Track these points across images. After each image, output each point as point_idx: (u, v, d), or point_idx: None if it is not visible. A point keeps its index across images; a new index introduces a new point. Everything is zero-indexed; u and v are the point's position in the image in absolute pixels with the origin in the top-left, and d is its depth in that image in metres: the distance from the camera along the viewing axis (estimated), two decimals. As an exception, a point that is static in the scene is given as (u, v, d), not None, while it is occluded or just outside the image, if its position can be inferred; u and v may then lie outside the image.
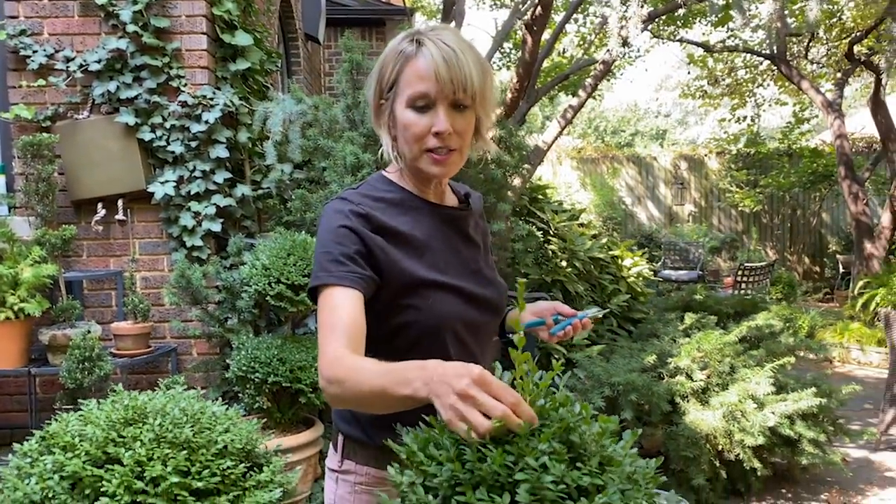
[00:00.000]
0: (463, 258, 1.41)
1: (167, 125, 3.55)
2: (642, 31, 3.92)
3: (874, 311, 8.07)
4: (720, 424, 3.59)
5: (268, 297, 3.03)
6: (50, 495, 1.39)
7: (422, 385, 1.00)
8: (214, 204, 3.56)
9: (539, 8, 4.21)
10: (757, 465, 3.62)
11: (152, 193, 3.54)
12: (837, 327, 8.14)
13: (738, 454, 3.63)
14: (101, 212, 3.53)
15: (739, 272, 9.57)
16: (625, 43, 4.11)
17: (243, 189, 3.66)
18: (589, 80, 4.66)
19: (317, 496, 3.22)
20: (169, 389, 1.70)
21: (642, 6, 3.94)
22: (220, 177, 3.57)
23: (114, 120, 3.49)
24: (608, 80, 13.29)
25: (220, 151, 3.54)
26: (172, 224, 3.58)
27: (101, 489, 1.36)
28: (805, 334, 5.26)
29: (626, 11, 3.43)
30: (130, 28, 3.48)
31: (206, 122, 3.50)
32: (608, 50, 4.31)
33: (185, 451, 1.45)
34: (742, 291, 9.06)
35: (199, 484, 1.41)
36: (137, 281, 3.62)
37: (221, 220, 3.59)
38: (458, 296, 1.35)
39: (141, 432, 1.47)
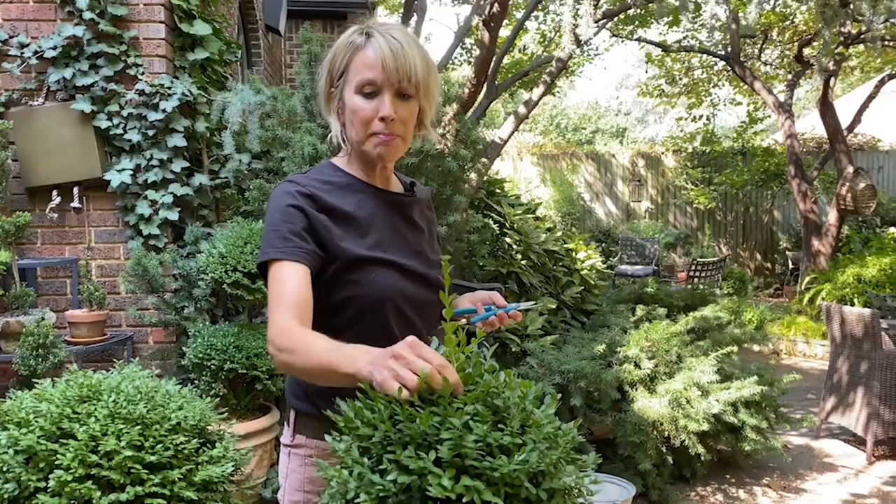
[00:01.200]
0: (406, 240, 1.49)
1: (124, 113, 3.55)
2: (597, 32, 4.03)
3: (820, 306, 8.36)
4: (666, 411, 3.72)
5: (224, 285, 3.07)
6: (4, 469, 1.43)
7: (365, 365, 1.08)
8: (172, 193, 3.58)
9: (496, 5, 4.30)
10: (702, 450, 3.76)
11: (109, 181, 3.54)
12: (785, 321, 8.41)
13: (684, 440, 3.77)
14: (56, 199, 3.52)
15: (692, 267, 9.81)
16: (578, 42, 4.21)
17: (201, 178, 3.68)
18: (545, 77, 4.77)
19: (272, 482, 3.27)
20: (124, 369, 1.75)
21: (595, 5, 4.05)
22: (178, 166, 3.58)
23: (70, 107, 3.48)
24: (568, 78, 13.47)
25: (178, 140, 3.55)
26: (129, 212, 3.58)
27: (56, 462, 1.41)
28: (754, 327, 5.45)
29: (578, 10, 3.53)
30: (87, 15, 3.47)
31: (164, 110, 3.51)
32: (563, 48, 4.42)
33: (138, 427, 1.50)
34: (694, 286, 9.30)
35: (153, 458, 1.46)
36: (93, 269, 3.62)
37: (179, 209, 3.61)
38: (400, 272, 1.43)
39: (95, 408, 1.51)
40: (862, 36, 9.02)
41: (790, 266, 12.24)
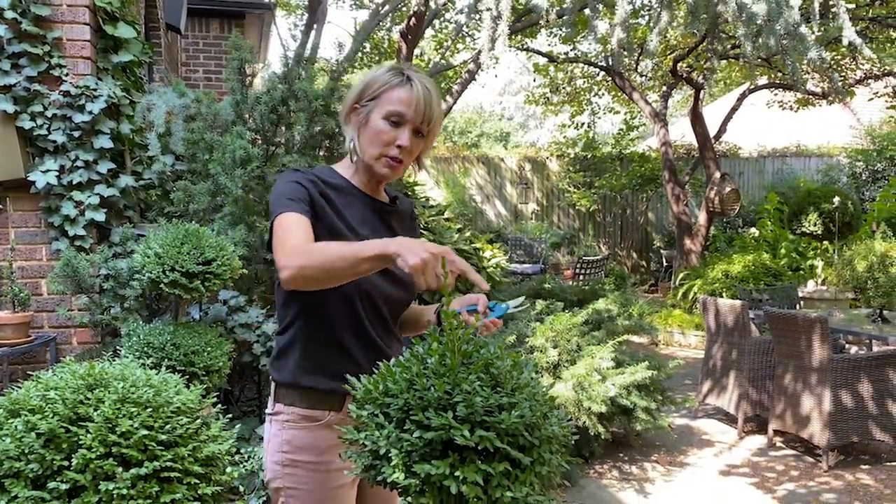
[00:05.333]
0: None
1: (48, 114, 3.54)
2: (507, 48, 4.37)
3: (693, 300, 9.12)
4: (570, 394, 4.10)
5: (162, 285, 3.15)
6: (26, 451, 1.56)
7: (395, 244, 1.34)
8: (98, 194, 3.59)
9: (413, 19, 4.54)
10: (600, 429, 4.17)
11: (32, 182, 3.52)
12: (661, 314, 9.10)
13: (584, 421, 4.16)
14: (-24, 200, 3.47)
15: (578, 265, 10.41)
16: (495, 58, 4.53)
17: (126, 179, 3.71)
18: (456, 87, 5.06)
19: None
20: (115, 358, 1.88)
21: (511, 23, 4.37)
22: (104, 167, 3.60)
23: (-10, 106, 3.44)
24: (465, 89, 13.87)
25: (104, 142, 3.58)
26: (53, 213, 3.57)
27: (79, 442, 1.55)
28: (636, 318, 5.97)
29: (496, 30, 3.84)
30: (9, 14, 3.44)
31: (90, 112, 3.53)
32: (474, 61, 4.72)
33: (148, 410, 1.66)
34: (580, 283, 9.89)
35: (164, 437, 1.63)
36: (14, 270, 3.58)
37: (105, 210, 3.63)
38: None
39: (105, 394, 1.65)
40: (731, 52, 9.87)
41: (664, 264, 13.15)
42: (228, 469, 3.47)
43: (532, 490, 1.19)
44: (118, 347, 3.33)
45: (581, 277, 10.22)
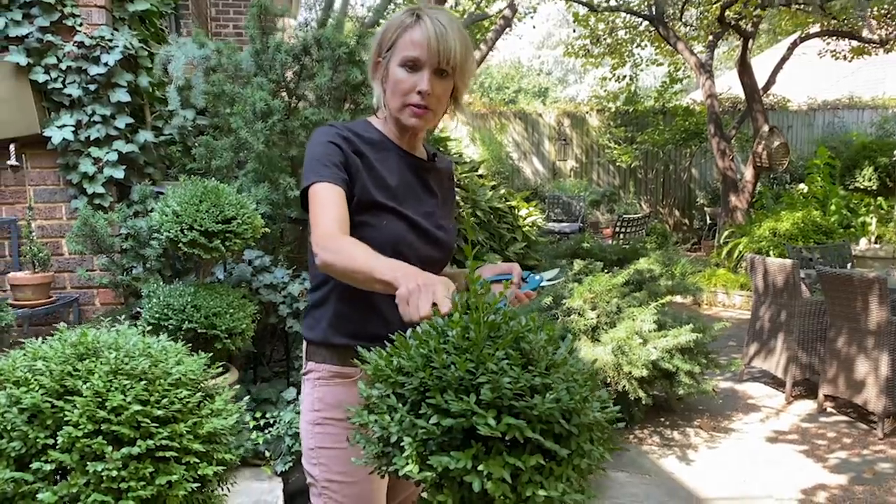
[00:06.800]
0: (420, 199, 1.64)
1: (62, 66, 3.39)
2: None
3: (738, 259, 8.81)
4: (610, 358, 3.90)
5: (180, 244, 3.02)
6: (8, 427, 1.42)
7: (401, 276, 1.25)
8: (116, 150, 3.46)
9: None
10: (642, 394, 3.98)
11: (48, 138, 3.39)
12: (705, 273, 8.82)
13: (625, 386, 3.97)
14: (-8, 157, 3.36)
15: (618, 224, 10.13)
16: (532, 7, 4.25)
17: (145, 135, 3.56)
18: (490, 35, 4.79)
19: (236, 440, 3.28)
20: (113, 325, 1.74)
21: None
22: (122, 122, 3.46)
23: (3, 59, 3.30)
24: (503, 40, 13.49)
25: (122, 95, 3.43)
26: (71, 170, 3.45)
27: (64, 419, 1.40)
28: (679, 278, 5.73)
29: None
30: (18, -39, 3.29)
31: (106, 64, 3.37)
32: (510, 6, 4.45)
33: (143, 382, 1.51)
34: (621, 241, 9.62)
35: (160, 412, 1.48)
36: (34, 229, 3.48)
37: (124, 167, 3.49)
38: (410, 225, 1.58)
39: (96, 365, 1.50)
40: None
41: (708, 221, 12.77)
42: (254, 435, 3.33)
43: (569, 487, 1.01)
44: (139, 309, 3.22)
45: (621, 236, 9.96)
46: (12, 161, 3.37)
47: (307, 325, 1.67)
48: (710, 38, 11.45)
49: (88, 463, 1.38)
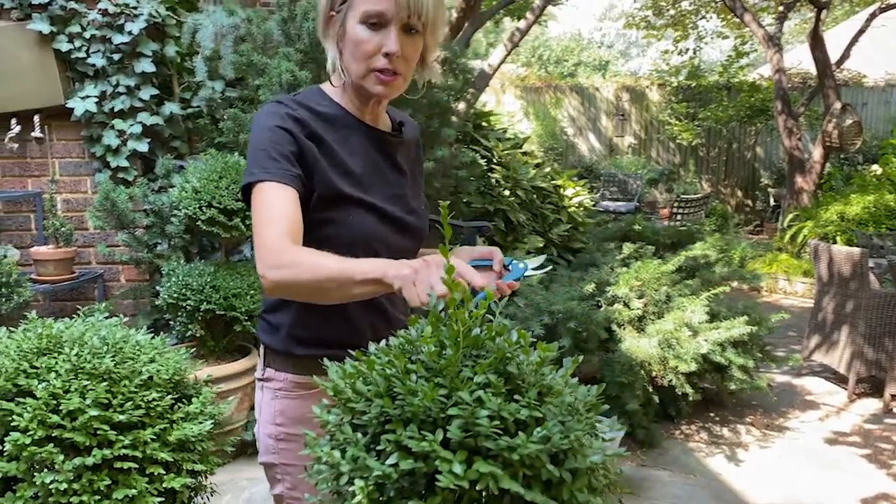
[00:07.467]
0: (388, 182, 1.42)
1: (86, 35, 3.29)
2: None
3: (802, 243, 8.36)
4: (655, 351, 3.66)
5: (199, 222, 2.90)
6: (-46, 431, 1.29)
7: (392, 268, 1.08)
8: (140, 122, 3.36)
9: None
10: (688, 390, 3.73)
11: (72, 109, 3.30)
12: (766, 258, 8.41)
13: (671, 380, 3.73)
14: (16, 128, 3.29)
15: (675, 204, 9.75)
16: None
17: (171, 107, 3.45)
18: (538, 2, 4.53)
19: (253, 424, 3.18)
20: (89, 317, 1.60)
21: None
22: (147, 93, 3.35)
23: (26, 27, 3.21)
24: (555, 5, 13.10)
25: (146, 66, 3.32)
26: (95, 143, 3.36)
27: (12, 423, 1.27)
28: (737, 265, 5.40)
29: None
30: (41, -75, 3.19)
31: (130, 32, 3.26)
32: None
33: (105, 383, 1.37)
34: (678, 223, 9.26)
35: (122, 417, 1.33)
36: (59, 203, 3.42)
37: (148, 140, 3.39)
38: (378, 216, 1.37)
39: (56, 363, 1.37)
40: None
41: (772, 203, 12.23)
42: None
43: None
44: (158, 287, 3.13)
45: (679, 217, 9.59)
46: (37, 133, 3.30)
47: (263, 329, 1.46)
48: (781, 8, 10.85)
49: (36, 474, 1.24)
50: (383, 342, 0.99)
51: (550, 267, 1.51)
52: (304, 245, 1.29)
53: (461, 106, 3.95)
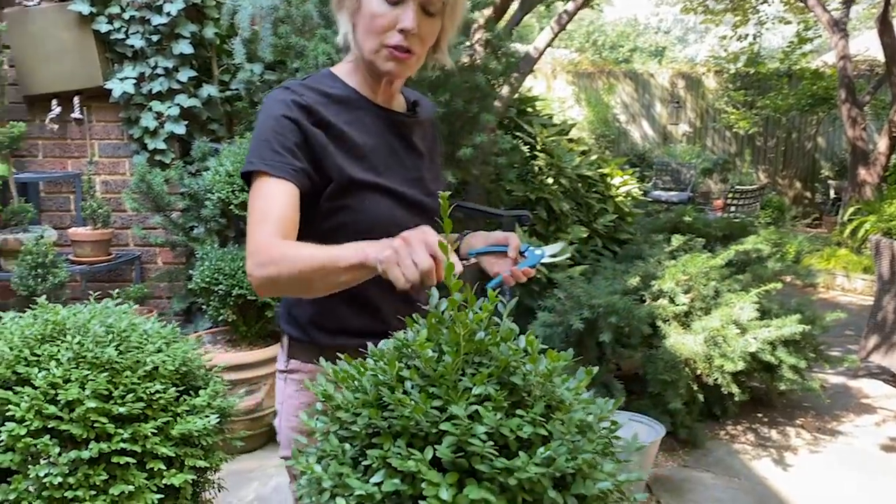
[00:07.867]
0: (404, 164, 1.37)
1: (125, 16, 3.28)
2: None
3: (862, 238, 8.02)
4: (700, 349, 3.51)
5: (232, 206, 2.87)
6: (-48, 420, 1.26)
7: (372, 250, 1.03)
8: (178, 104, 3.34)
9: None
10: (735, 390, 3.57)
11: (111, 91, 3.30)
12: (824, 253, 8.10)
13: (717, 379, 3.58)
14: (56, 109, 3.30)
15: (730, 195, 9.48)
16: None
17: (210, 89, 3.42)
18: (585, -16, 4.36)
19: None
20: (100, 302, 1.56)
21: None
22: (185, 75, 3.33)
23: (66, 8, 3.21)
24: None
25: (185, 47, 3.29)
26: (133, 125, 3.36)
27: (8, 413, 1.23)
28: (792, 259, 5.17)
29: None
30: None
31: (169, 14, 3.24)
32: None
33: (106, 373, 1.32)
34: (732, 214, 8.98)
35: (122, 409, 1.28)
36: (97, 185, 3.43)
37: (186, 123, 3.38)
38: (395, 200, 1.32)
39: (58, 350, 1.33)
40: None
41: (832, 196, 11.80)
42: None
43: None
44: (191, 271, 3.12)
45: (733, 208, 9.31)
46: (76, 114, 3.31)
47: (285, 319, 1.42)
48: (848, -8, 10.40)
49: (31, 466, 1.20)
50: (382, 344, 0.92)
51: (569, 254, 1.44)
52: (320, 235, 1.24)
53: (504, 90, 3.83)
